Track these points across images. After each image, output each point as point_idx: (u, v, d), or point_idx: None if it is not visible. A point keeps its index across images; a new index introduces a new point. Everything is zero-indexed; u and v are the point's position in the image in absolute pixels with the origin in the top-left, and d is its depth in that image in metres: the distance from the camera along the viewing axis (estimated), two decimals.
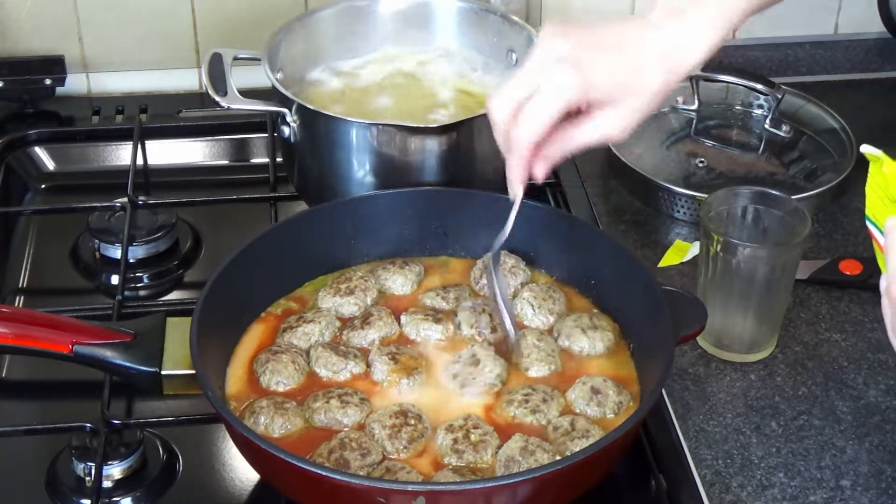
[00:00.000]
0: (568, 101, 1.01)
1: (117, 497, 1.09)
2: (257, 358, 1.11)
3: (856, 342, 1.24)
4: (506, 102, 1.03)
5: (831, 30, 1.77)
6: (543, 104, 1.01)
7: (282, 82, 1.33)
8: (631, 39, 1.03)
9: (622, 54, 1.02)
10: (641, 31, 1.04)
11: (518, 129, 1.02)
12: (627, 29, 1.04)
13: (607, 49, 1.02)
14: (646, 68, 1.03)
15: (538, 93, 1.01)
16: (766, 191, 1.21)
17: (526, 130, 1.02)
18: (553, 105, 1.01)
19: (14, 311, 1.23)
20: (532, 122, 1.01)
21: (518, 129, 1.02)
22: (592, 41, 1.02)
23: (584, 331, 1.14)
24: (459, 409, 1.08)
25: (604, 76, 1.01)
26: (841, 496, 1.09)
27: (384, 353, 1.11)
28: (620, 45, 1.03)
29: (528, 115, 1.01)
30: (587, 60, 1.01)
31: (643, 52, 1.03)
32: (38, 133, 1.56)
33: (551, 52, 1.01)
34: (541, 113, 1.01)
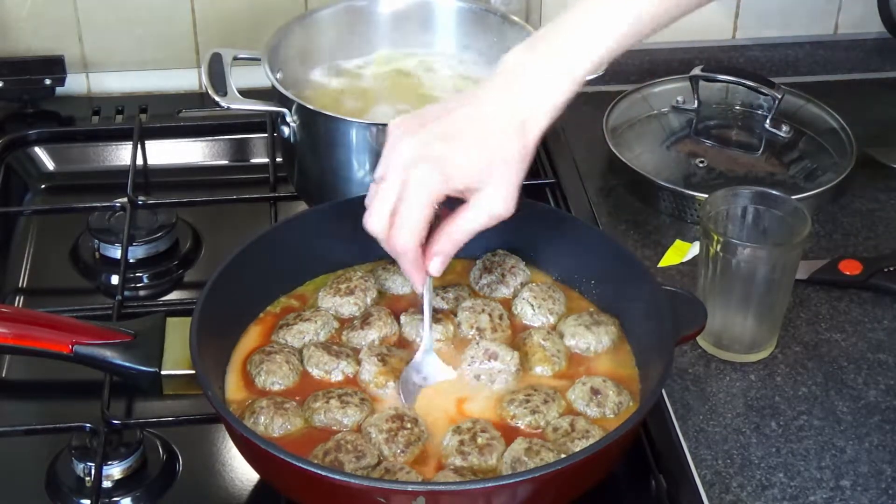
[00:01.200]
0: (433, 198, 1.02)
1: (117, 497, 1.09)
2: (251, 359, 1.11)
3: (856, 342, 1.24)
4: (378, 216, 1.03)
5: (831, 30, 1.77)
6: (411, 208, 1.02)
7: (282, 82, 1.33)
8: (476, 118, 1.03)
9: (472, 135, 1.02)
10: (486, 104, 1.03)
11: (395, 240, 1.03)
12: (472, 108, 1.04)
13: (457, 135, 1.02)
14: (499, 142, 1.02)
15: (402, 200, 1.02)
16: (766, 191, 1.21)
17: (403, 238, 1.03)
18: (420, 206, 1.02)
19: (14, 311, 1.23)
20: (406, 229, 1.02)
21: (396, 241, 1.03)
22: (440, 131, 1.03)
23: (588, 328, 1.14)
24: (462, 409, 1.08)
25: (460, 163, 1.02)
26: (841, 496, 1.09)
27: (373, 353, 1.11)
28: (468, 126, 1.03)
29: (399, 224, 1.02)
30: (439, 152, 1.02)
31: (491, 128, 1.03)
32: (38, 133, 1.56)
33: (403, 155, 1.02)
34: (411, 217, 1.02)
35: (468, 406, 1.08)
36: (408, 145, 1.03)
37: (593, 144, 1.50)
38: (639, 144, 1.49)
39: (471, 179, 1.02)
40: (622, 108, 1.54)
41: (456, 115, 1.04)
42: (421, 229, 1.03)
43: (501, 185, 1.03)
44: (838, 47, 1.75)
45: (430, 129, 1.03)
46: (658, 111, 1.55)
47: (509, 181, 1.03)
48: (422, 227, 1.03)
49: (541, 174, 1.47)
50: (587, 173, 1.47)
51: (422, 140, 1.02)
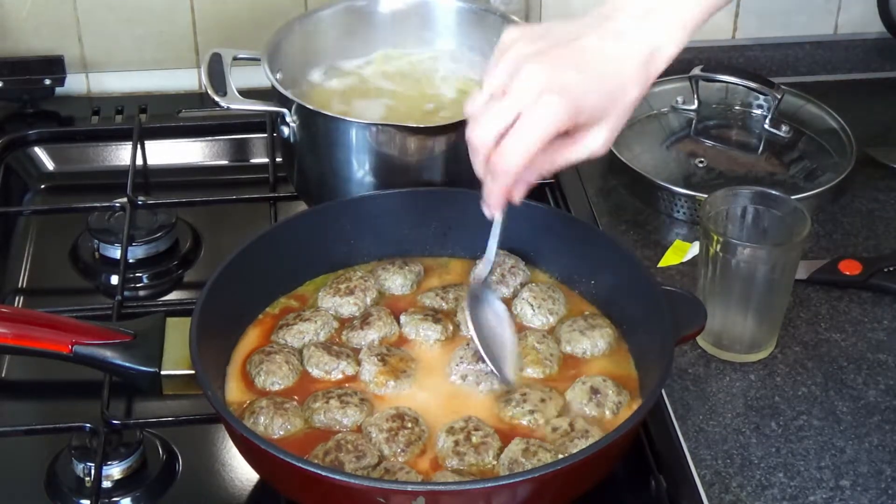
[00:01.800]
0: (558, 129, 0.98)
1: (117, 497, 1.09)
2: (251, 359, 1.11)
3: (856, 342, 1.24)
4: (489, 129, 0.99)
5: (831, 30, 1.77)
6: (532, 132, 0.98)
7: (281, 82, 1.33)
8: (607, 53, 1.01)
9: (603, 71, 1.00)
10: (616, 43, 1.01)
11: (503, 157, 0.99)
12: (601, 41, 1.01)
13: (588, 68, 0.99)
14: (627, 80, 1.01)
15: (525, 120, 0.98)
16: (766, 191, 1.21)
17: (511, 159, 0.99)
18: (542, 134, 0.98)
19: (14, 311, 1.23)
20: (519, 151, 0.98)
21: (503, 158, 0.99)
22: (571, 60, 0.99)
23: (583, 332, 1.14)
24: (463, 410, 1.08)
25: (591, 98, 0.99)
26: (841, 496, 1.09)
27: (373, 353, 1.11)
28: (599, 60, 1.00)
29: (514, 143, 0.98)
30: (572, 85, 0.98)
31: (622, 63, 1.01)
32: (38, 133, 1.56)
33: (534, 79, 0.98)
34: (529, 141, 0.98)
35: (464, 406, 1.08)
36: (538, 68, 0.98)
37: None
38: (639, 144, 1.49)
39: (596, 117, 1.00)
40: None
41: (587, 44, 1.00)
42: (533, 155, 0.99)
43: (613, 127, 1.02)
44: (838, 47, 1.75)
45: (559, 54, 0.99)
46: (658, 111, 1.55)
47: (619, 123, 1.02)
48: (534, 154, 0.99)
49: None
50: (587, 173, 1.47)
51: (552, 65, 0.98)
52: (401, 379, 1.10)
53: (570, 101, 0.98)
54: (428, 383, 1.11)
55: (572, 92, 0.98)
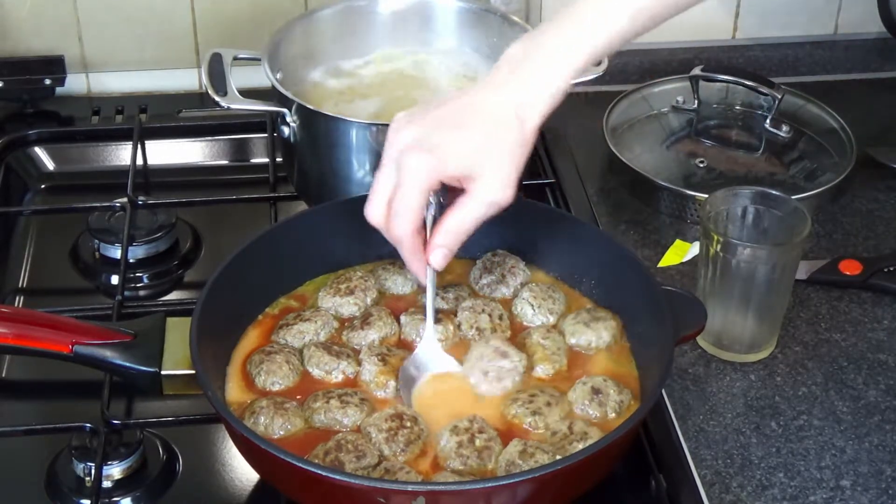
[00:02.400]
0: (427, 183, 1.02)
1: (117, 497, 1.09)
2: (251, 359, 1.11)
3: (856, 342, 1.25)
4: (376, 205, 1.05)
5: (831, 30, 1.77)
6: (406, 194, 1.02)
7: (281, 82, 1.33)
8: (474, 106, 1.04)
9: (468, 122, 1.03)
10: (485, 95, 1.05)
11: (394, 225, 1.04)
12: (471, 97, 1.05)
13: (457, 123, 1.03)
14: (495, 129, 1.03)
15: (399, 185, 1.02)
16: (766, 191, 1.21)
17: (400, 225, 1.04)
18: (415, 192, 1.02)
19: (14, 311, 1.23)
20: (402, 216, 1.03)
21: (393, 227, 1.04)
22: (436, 120, 1.04)
23: (587, 325, 1.14)
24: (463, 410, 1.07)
25: (455, 148, 1.02)
26: (841, 496, 1.09)
27: (374, 353, 1.11)
28: (465, 114, 1.04)
29: (396, 211, 1.03)
30: (435, 140, 1.02)
31: (492, 112, 1.03)
32: (38, 133, 1.56)
33: (400, 142, 1.03)
34: (407, 204, 1.03)
35: (471, 403, 1.08)
36: (405, 134, 1.04)
37: (593, 144, 1.50)
38: (639, 144, 1.49)
39: (465, 166, 1.03)
40: (622, 108, 1.54)
41: (454, 105, 1.05)
42: (417, 216, 1.03)
43: (498, 172, 1.03)
44: (838, 47, 1.75)
45: (428, 117, 1.04)
46: (658, 111, 1.55)
47: (506, 169, 1.03)
48: (417, 214, 1.03)
49: (541, 174, 1.47)
50: (587, 173, 1.47)
51: (419, 127, 1.04)
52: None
53: (435, 158, 1.02)
54: (429, 383, 1.11)
55: (438, 147, 1.02)
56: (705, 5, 1.13)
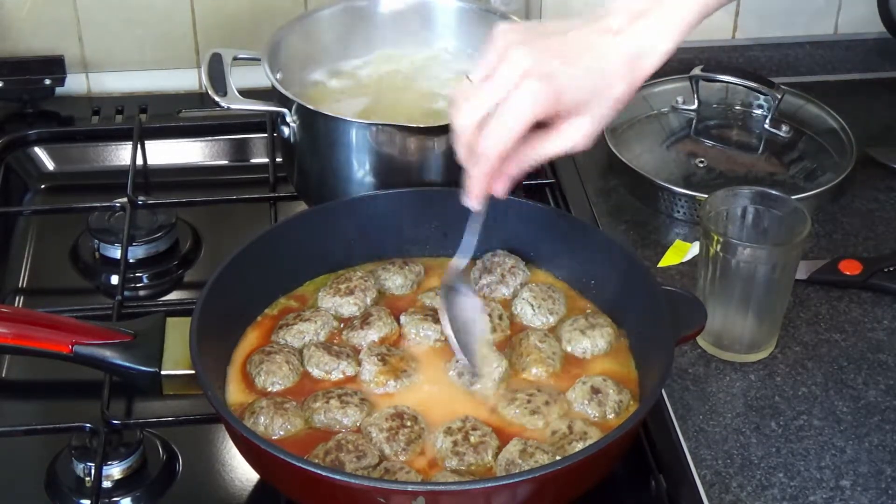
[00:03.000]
0: (537, 114, 1.00)
1: (117, 497, 1.09)
2: (251, 359, 1.11)
3: (856, 342, 1.24)
4: (471, 113, 1.01)
5: (831, 30, 1.77)
6: (512, 117, 0.99)
7: (281, 82, 1.33)
8: (595, 47, 1.02)
9: (588, 63, 1.01)
10: (604, 38, 1.03)
11: (485, 141, 1.00)
12: (590, 35, 1.03)
13: (573, 59, 1.01)
14: (611, 77, 1.02)
15: (506, 104, 0.99)
16: (766, 191, 1.21)
17: (493, 142, 1.00)
18: (522, 118, 0.99)
19: (14, 311, 1.23)
20: (500, 135, 1.00)
21: (485, 141, 1.00)
22: (557, 50, 1.01)
23: (583, 332, 1.14)
24: (462, 409, 1.07)
25: (572, 87, 1.01)
26: (841, 496, 1.09)
27: (374, 353, 1.11)
28: (585, 53, 1.02)
29: (495, 127, 1.00)
30: (554, 72, 1.00)
31: (608, 60, 1.02)
32: (38, 133, 1.56)
33: (517, 64, 1.00)
34: (509, 125, 1.00)
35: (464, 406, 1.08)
36: (523, 54, 1.00)
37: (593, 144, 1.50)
38: (639, 144, 1.49)
39: (577, 104, 1.01)
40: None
41: (575, 37, 1.02)
42: (515, 139, 1.00)
43: (597, 117, 1.02)
44: (838, 47, 1.75)
45: (547, 44, 1.01)
46: (658, 111, 1.55)
47: (602, 116, 1.03)
48: (515, 138, 1.00)
49: (541, 174, 1.47)
50: (587, 173, 1.47)
51: (538, 53, 1.00)
52: (401, 378, 1.10)
53: (552, 88, 0.99)
54: (428, 383, 1.11)
55: (555, 79, 1.00)
56: None
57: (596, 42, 1.02)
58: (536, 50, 1.00)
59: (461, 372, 1.10)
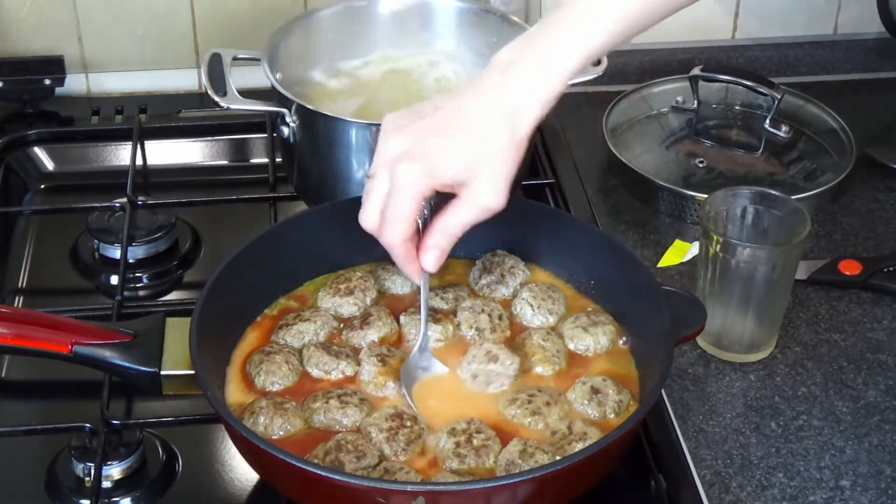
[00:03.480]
0: (419, 193, 1.02)
1: (117, 497, 1.09)
2: (250, 359, 1.11)
3: (855, 342, 1.25)
4: (370, 212, 1.05)
5: (831, 30, 1.77)
6: (397, 204, 1.02)
7: (281, 82, 1.33)
8: (469, 109, 1.03)
9: (462, 130, 1.03)
10: (476, 98, 1.04)
11: (386, 232, 1.04)
12: (460, 102, 1.04)
13: (446, 129, 1.03)
14: (490, 134, 1.02)
15: (391, 194, 1.03)
16: (766, 191, 1.21)
17: (392, 234, 1.04)
18: (406, 202, 1.02)
19: (14, 311, 1.23)
20: (394, 225, 1.03)
21: (386, 233, 1.04)
22: (426, 128, 1.03)
23: (586, 329, 1.14)
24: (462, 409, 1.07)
25: (446, 157, 1.02)
26: (841, 496, 1.09)
27: (373, 353, 1.11)
28: (457, 122, 1.03)
29: (387, 220, 1.03)
30: (425, 148, 1.02)
31: (483, 119, 1.03)
32: (38, 133, 1.56)
33: (391, 151, 1.03)
34: (399, 213, 1.03)
35: (467, 405, 1.08)
36: (396, 141, 1.03)
37: (593, 144, 1.50)
38: (638, 144, 1.49)
39: (457, 173, 1.03)
40: (622, 108, 1.54)
41: (445, 111, 1.04)
42: (409, 224, 1.03)
43: (490, 178, 1.03)
44: (838, 47, 1.75)
45: (418, 125, 1.04)
46: (658, 111, 1.55)
47: (498, 174, 1.03)
48: (410, 222, 1.03)
49: (541, 174, 1.47)
50: (587, 173, 1.47)
51: (410, 136, 1.03)
52: (400, 379, 1.10)
53: (427, 165, 1.02)
54: (428, 383, 1.11)
55: (429, 156, 1.02)
56: (705, 5, 1.12)
57: (471, 104, 1.04)
58: (409, 133, 1.03)
59: (475, 374, 1.10)
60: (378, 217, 1.04)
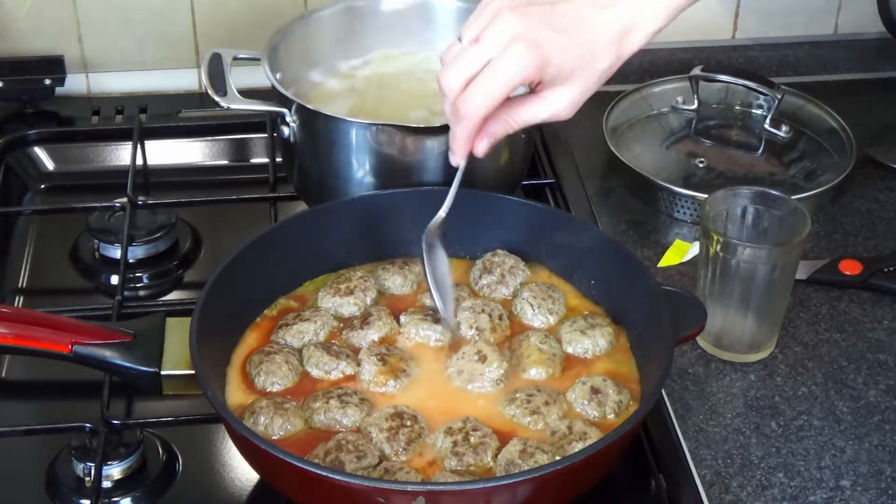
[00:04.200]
0: (523, 79, 1.02)
1: (117, 497, 1.09)
2: (250, 359, 1.11)
3: (856, 342, 1.25)
4: (458, 74, 1.03)
5: (831, 30, 1.77)
6: (497, 79, 1.02)
7: (281, 82, 1.33)
8: (583, 19, 1.04)
9: (577, 35, 1.03)
10: (593, 11, 1.04)
11: (469, 100, 1.03)
12: (579, 7, 1.04)
13: (562, 29, 1.03)
14: (598, 49, 1.04)
15: (492, 67, 1.02)
16: (766, 191, 1.21)
17: (477, 102, 1.03)
18: (507, 81, 1.02)
19: (14, 311, 1.23)
20: (484, 95, 1.02)
21: (469, 101, 1.03)
22: (547, 19, 1.03)
23: (584, 332, 1.14)
24: (462, 409, 1.07)
25: (558, 57, 1.02)
26: (841, 496, 1.09)
27: (373, 353, 1.11)
28: (574, 25, 1.03)
29: (480, 88, 1.02)
30: (543, 40, 1.02)
31: (596, 33, 1.04)
32: (38, 133, 1.56)
33: (507, 28, 1.02)
34: (494, 87, 1.02)
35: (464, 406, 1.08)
36: (514, 19, 1.02)
37: (593, 144, 1.50)
38: (639, 144, 1.49)
39: (563, 74, 1.03)
40: (622, 108, 1.54)
41: (564, 8, 1.04)
42: (497, 102, 1.03)
43: (579, 88, 1.04)
44: (838, 47, 1.75)
45: (537, 12, 1.03)
46: (658, 111, 1.55)
47: (587, 88, 1.05)
48: (497, 101, 1.03)
49: (541, 174, 1.47)
50: (587, 173, 1.47)
51: (529, 19, 1.02)
52: (400, 378, 1.10)
53: (539, 55, 1.01)
54: (428, 383, 1.11)
55: (543, 47, 1.02)
56: (705, 5, 1.13)
57: (584, 14, 1.04)
58: (526, 16, 1.02)
59: (460, 370, 1.10)
60: (464, 80, 1.03)
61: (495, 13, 1.03)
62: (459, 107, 1.03)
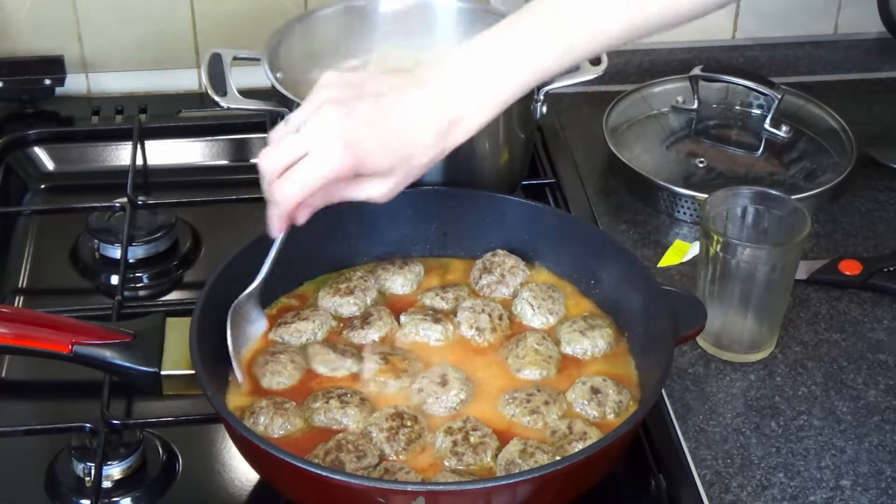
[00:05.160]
0: (337, 176, 1.02)
1: (117, 497, 1.09)
2: (255, 360, 1.11)
3: (855, 342, 1.25)
4: (278, 158, 1.03)
5: (831, 30, 1.77)
6: (313, 173, 1.02)
7: (281, 82, 1.33)
8: (408, 116, 1.03)
9: (398, 134, 1.03)
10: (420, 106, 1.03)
11: (284, 188, 1.02)
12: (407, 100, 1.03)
13: (383, 130, 1.03)
14: (419, 149, 1.04)
15: (308, 160, 1.01)
16: (766, 191, 1.21)
17: (292, 190, 1.02)
18: (322, 176, 1.02)
19: (14, 311, 1.23)
20: (300, 186, 1.02)
21: (284, 189, 1.03)
22: (369, 119, 1.02)
23: (583, 333, 1.14)
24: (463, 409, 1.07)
25: (376, 158, 1.03)
26: (841, 496, 1.09)
27: (376, 352, 1.11)
28: (397, 123, 1.03)
29: (294, 179, 1.02)
30: (362, 139, 1.01)
31: (419, 130, 1.04)
32: (38, 133, 1.56)
33: (328, 125, 1.01)
34: (309, 180, 1.02)
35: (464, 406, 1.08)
36: (335, 116, 1.02)
37: (593, 144, 1.50)
38: (639, 144, 1.49)
39: (378, 171, 1.04)
40: (622, 108, 1.54)
41: (390, 102, 1.04)
42: (311, 192, 1.03)
43: (397, 180, 1.05)
44: (838, 47, 1.75)
45: (360, 110, 1.02)
46: (658, 111, 1.55)
47: (406, 179, 1.05)
48: (312, 191, 1.03)
49: (541, 174, 1.47)
50: (587, 173, 1.47)
51: (350, 119, 1.02)
52: (402, 378, 1.10)
53: (355, 156, 1.02)
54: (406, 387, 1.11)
55: (360, 146, 1.02)
56: None
57: (409, 111, 1.04)
58: (349, 115, 1.02)
59: (421, 388, 1.09)
60: (280, 169, 1.02)
61: (319, 104, 1.02)
62: (275, 192, 1.03)
